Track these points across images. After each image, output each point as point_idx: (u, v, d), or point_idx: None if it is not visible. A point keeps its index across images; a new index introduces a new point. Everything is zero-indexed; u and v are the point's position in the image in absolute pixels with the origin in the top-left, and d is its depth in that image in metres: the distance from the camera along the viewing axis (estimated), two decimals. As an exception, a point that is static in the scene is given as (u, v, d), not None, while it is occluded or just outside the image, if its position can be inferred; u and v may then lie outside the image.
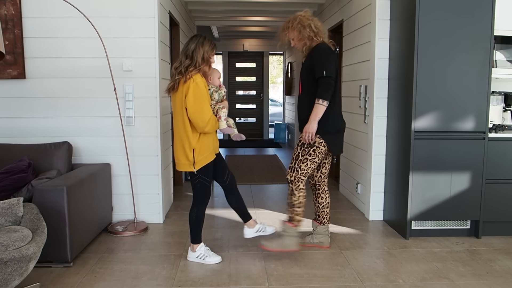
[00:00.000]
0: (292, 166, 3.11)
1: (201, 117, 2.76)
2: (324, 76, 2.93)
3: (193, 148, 2.84)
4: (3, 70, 3.63)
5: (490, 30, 3.35)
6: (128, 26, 3.69)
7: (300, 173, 3.08)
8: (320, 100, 2.94)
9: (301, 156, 3.08)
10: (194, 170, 2.87)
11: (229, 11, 6.96)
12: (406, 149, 3.47)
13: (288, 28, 3.15)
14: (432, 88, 3.38)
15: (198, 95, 2.75)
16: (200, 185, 2.95)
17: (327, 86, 2.94)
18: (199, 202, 3.00)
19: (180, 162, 2.91)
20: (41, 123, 3.74)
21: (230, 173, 3.16)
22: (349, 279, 2.79)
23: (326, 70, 2.93)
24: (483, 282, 2.76)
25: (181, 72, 2.79)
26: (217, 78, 3.03)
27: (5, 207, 2.48)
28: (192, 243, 3.06)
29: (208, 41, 2.87)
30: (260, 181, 5.71)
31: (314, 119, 2.96)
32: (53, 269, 2.90)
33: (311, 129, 2.98)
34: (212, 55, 2.90)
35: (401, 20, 3.61)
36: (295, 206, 3.11)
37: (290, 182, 3.11)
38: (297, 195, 3.09)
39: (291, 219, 3.14)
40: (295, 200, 3.10)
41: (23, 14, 3.62)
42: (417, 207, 3.47)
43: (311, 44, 3.10)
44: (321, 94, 2.94)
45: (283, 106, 10.95)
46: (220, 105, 2.98)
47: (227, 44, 10.53)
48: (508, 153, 3.50)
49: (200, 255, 3.04)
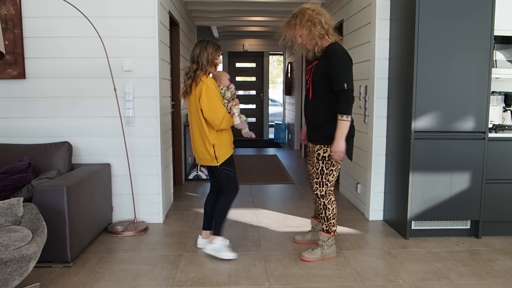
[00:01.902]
0: (319, 181, 3.00)
1: (216, 116, 2.93)
2: (345, 89, 2.78)
3: (213, 144, 3.01)
4: (3, 70, 3.63)
5: (490, 30, 3.35)
6: (128, 26, 3.69)
7: (329, 185, 3.03)
8: (344, 116, 2.80)
9: (326, 169, 2.98)
10: (217, 164, 3.04)
11: (229, 11, 6.96)
12: (406, 149, 3.47)
13: (295, 25, 2.88)
14: (432, 88, 3.38)
15: (211, 96, 2.93)
16: (226, 177, 3.09)
17: (349, 100, 2.80)
18: (228, 194, 3.12)
19: (204, 158, 3.07)
20: (41, 123, 3.74)
21: None
22: (349, 279, 2.79)
23: (347, 83, 2.78)
24: (483, 282, 2.76)
25: (191, 76, 2.99)
26: (226, 79, 3.17)
27: (5, 207, 2.48)
28: (215, 234, 3.12)
29: (211, 44, 3.03)
30: (260, 181, 5.71)
31: (341, 137, 2.83)
32: (53, 269, 2.90)
33: (340, 148, 2.84)
34: (217, 56, 3.06)
35: (401, 20, 3.61)
36: (330, 218, 3.06)
37: (321, 197, 3.03)
38: (331, 208, 3.05)
39: (328, 230, 3.09)
40: (330, 213, 3.05)
41: (23, 14, 3.62)
42: (417, 207, 3.47)
43: (323, 43, 2.88)
44: (344, 110, 2.80)
45: (283, 106, 10.95)
46: (233, 103, 3.12)
47: (227, 44, 10.53)
48: (508, 153, 3.50)
49: (217, 248, 3.09)
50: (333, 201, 3.06)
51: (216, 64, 3.06)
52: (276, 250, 3.26)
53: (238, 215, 3.06)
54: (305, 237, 3.41)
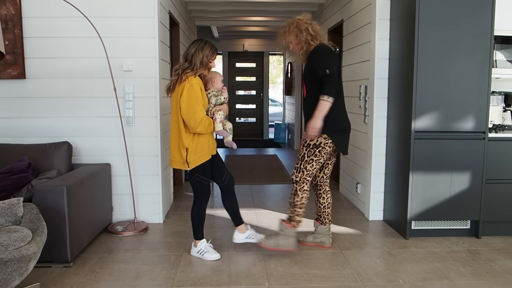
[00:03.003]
0: (298, 166, 3.12)
1: (193, 117, 2.82)
2: (327, 74, 2.93)
3: (186, 148, 2.90)
4: (3, 70, 3.63)
5: (490, 30, 3.35)
6: (128, 26, 3.69)
7: (305, 174, 3.09)
8: (325, 97, 2.93)
9: (307, 157, 3.08)
10: (187, 168, 2.95)
11: (229, 11, 6.96)
12: (406, 149, 3.47)
13: (285, 32, 3.17)
14: (432, 88, 3.38)
15: (192, 96, 2.82)
16: (198, 184, 3.01)
17: (331, 83, 2.94)
18: (199, 201, 3.06)
19: (175, 160, 2.99)
20: (41, 123, 3.74)
21: (229, 175, 3.19)
22: (349, 279, 2.79)
23: (328, 68, 2.94)
24: (483, 282, 2.76)
25: (178, 73, 2.88)
26: (219, 81, 3.07)
27: (5, 207, 2.48)
28: (195, 238, 3.14)
29: (209, 46, 2.94)
30: (260, 181, 5.71)
31: (318, 115, 2.95)
32: (53, 269, 2.90)
33: (316, 125, 2.96)
34: (212, 59, 2.97)
35: (401, 20, 3.61)
36: (296, 207, 3.12)
37: (295, 182, 3.12)
38: (300, 195, 3.10)
39: (290, 219, 3.15)
40: (298, 200, 3.11)
41: (23, 14, 3.62)
42: (417, 207, 3.47)
43: (308, 48, 3.11)
44: (325, 90, 2.93)
45: (283, 106, 10.95)
46: (217, 108, 3.01)
47: (227, 44, 10.53)
48: (508, 153, 3.50)
49: (200, 250, 3.10)
50: (305, 191, 3.11)
51: (210, 68, 2.99)
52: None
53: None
54: (307, 238, 3.41)
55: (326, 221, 3.34)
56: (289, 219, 3.15)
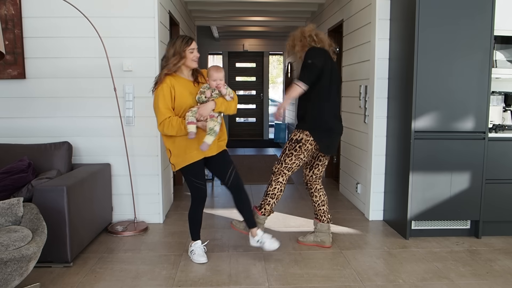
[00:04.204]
0: (279, 158, 3.24)
1: (157, 119, 2.83)
2: (308, 62, 3.01)
3: (168, 149, 2.94)
4: (3, 70, 3.63)
5: (490, 30, 3.35)
6: (128, 26, 3.69)
7: (283, 166, 3.18)
8: (299, 82, 3.02)
9: (288, 150, 3.19)
10: (174, 170, 3.00)
11: (229, 11, 6.96)
12: (406, 149, 3.47)
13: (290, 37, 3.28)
14: (432, 88, 3.38)
15: (155, 98, 2.82)
16: (191, 185, 3.01)
17: (309, 72, 3.02)
18: (195, 202, 3.04)
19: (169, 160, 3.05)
20: (41, 123, 3.74)
21: (233, 176, 3.01)
22: (349, 279, 2.79)
23: (312, 59, 3.02)
24: (483, 282, 2.76)
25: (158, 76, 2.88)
26: (212, 78, 2.81)
27: (5, 207, 2.48)
28: (191, 239, 3.14)
29: (180, 38, 2.85)
30: (260, 181, 5.71)
31: (287, 97, 3.10)
32: (53, 269, 2.90)
33: (283, 105, 3.20)
34: (187, 48, 2.80)
35: (401, 20, 3.61)
36: (268, 196, 3.23)
37: (273, 173, 3.24)
38: (273, 186, 3.22)
39: (260, 206, 3.25)
40: (270, 190, 3.22)
41: (23, 14, 3.62)
42: (417, 207, 3.47)
43: None
44: (301, 76, 3.02)
45: (283, 106, 10.92)
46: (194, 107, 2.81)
47: (227, 44, 10.53)
48: (508, 153, 3.50)
49: (192, 251, 3.09)
50: (280, 183, 3.20)
51: (185, 57, 2.80)
52: (276, 250, 3.24)
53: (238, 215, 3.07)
54: (307, 237, 3.41)
55: (324, 218, 3.34)
56: (259, 207, 3.25)
